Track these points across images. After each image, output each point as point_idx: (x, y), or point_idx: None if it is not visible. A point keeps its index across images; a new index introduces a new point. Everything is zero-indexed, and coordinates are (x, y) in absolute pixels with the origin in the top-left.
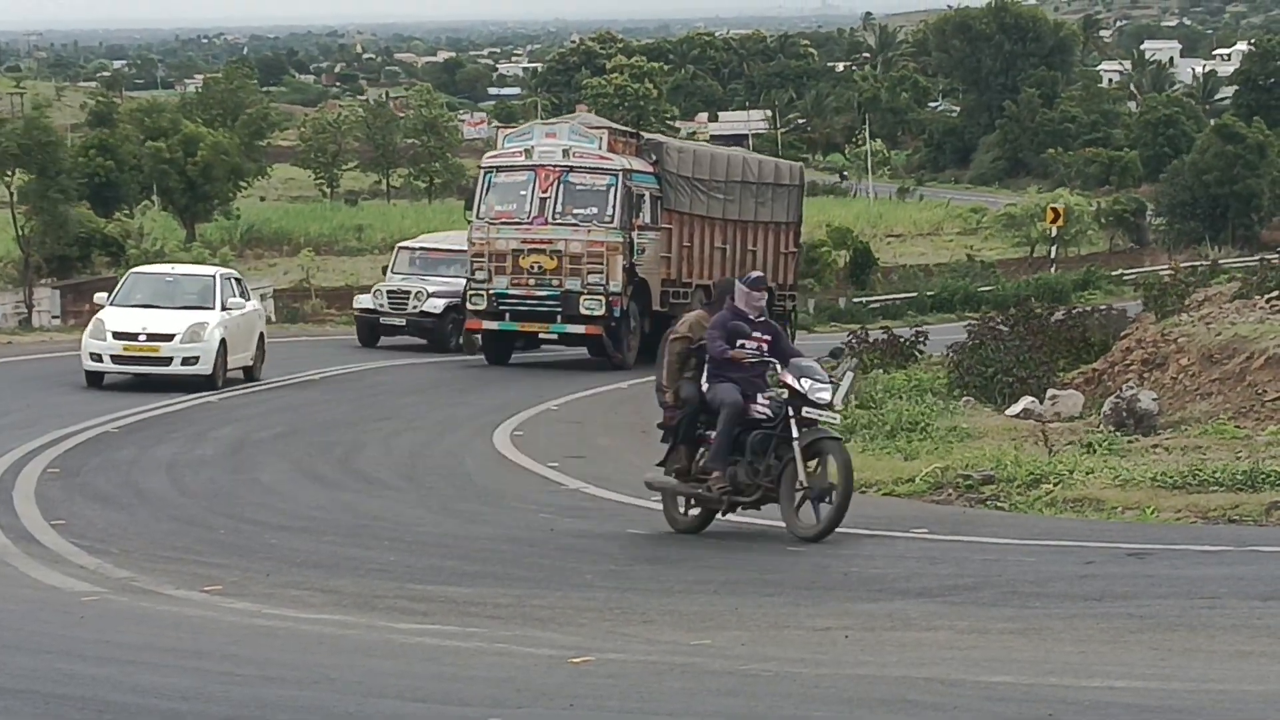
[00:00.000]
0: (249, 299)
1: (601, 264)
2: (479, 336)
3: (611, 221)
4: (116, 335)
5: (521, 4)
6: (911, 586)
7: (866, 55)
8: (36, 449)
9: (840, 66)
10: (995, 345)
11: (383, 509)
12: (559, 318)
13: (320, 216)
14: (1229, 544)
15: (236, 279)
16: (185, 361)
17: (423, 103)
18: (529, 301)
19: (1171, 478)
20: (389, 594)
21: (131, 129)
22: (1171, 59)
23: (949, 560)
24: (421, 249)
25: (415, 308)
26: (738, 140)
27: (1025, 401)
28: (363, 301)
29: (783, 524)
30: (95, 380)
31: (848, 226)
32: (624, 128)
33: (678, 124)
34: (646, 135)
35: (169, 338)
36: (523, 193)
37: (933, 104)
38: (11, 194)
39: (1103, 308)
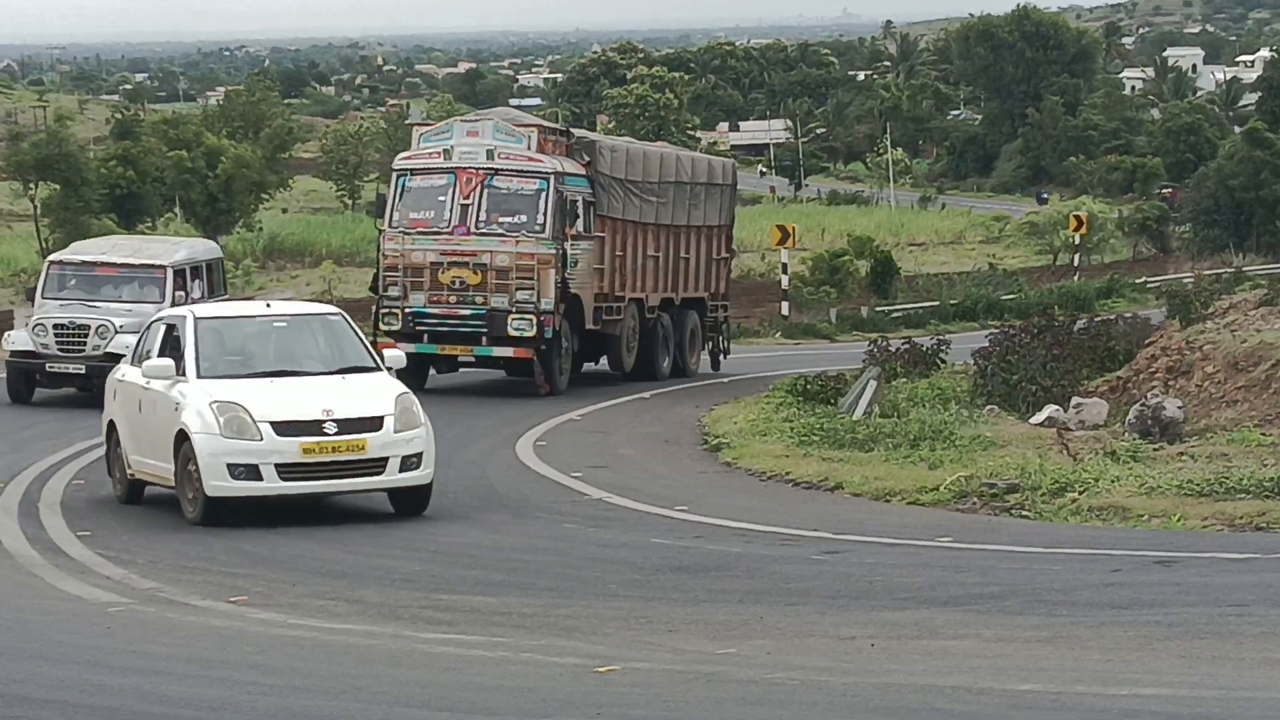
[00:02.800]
0: None
1: (532, 279)
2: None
3: (542, 231)
4: (282, 428)
5: (542, 15)
6: (937, 595)
7: (888, 64)
8: (61, 460)
9: (861, 75)
10: (1018, 354)
11: (407, 519)
12: (484, 339)
13: (342, 228)
14: (1256, 551)
15: None
16: (406, 465)
17: (443, 114)
18: (450, 321)
19: (1198, 485)
20: (415, 604)
21: (154, 141)
22: (1194, 66)
23: (975, 569)
24: (83, 263)
25: (97, 348)
26: (759, 150)
27: (1049, 410)
28: (16, 341)
29: (809, 532)
30: (214, 513)
31: (869, 236)
32: (554, 125)
33: (699, 134)
34: (577, 133)
35: (375, 424)
36: (441, 198)
37: (954, 112)
38: (35, 206)
39: (1126, 315)
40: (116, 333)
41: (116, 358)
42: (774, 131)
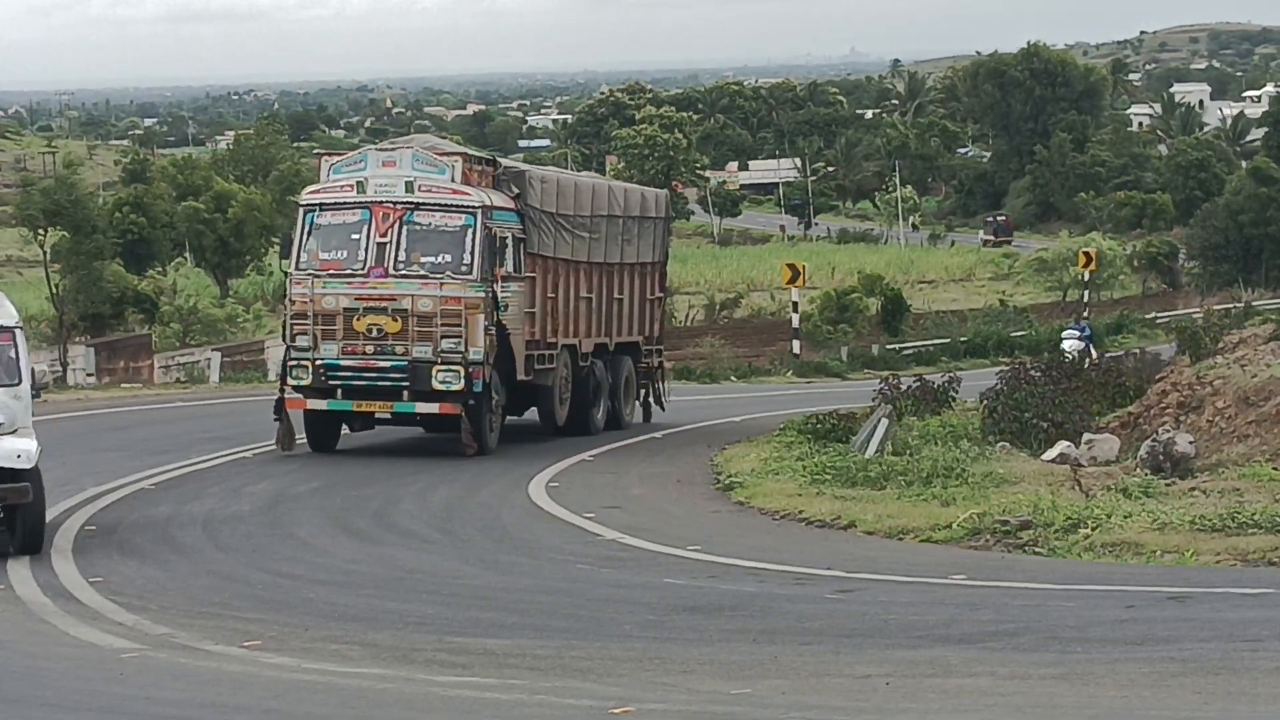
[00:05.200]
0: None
1: (459, 325)
2: (285, 421)
3: (469, 272)
4: None
5: (550, 56)
6: (951, 633)
7: (895, 102)
8: (73, 507)
9: (869, 114)
10: (1028, 390)
11: (420, 562)
12: (405, 394)
13: None
14: (1269, 587)
15: None
16: None
17: None
18: (367, 374)
19: (1210, 520)
20: (428, 647)
21: (165, 186)
22: (1201, 101)
23: (988, 606)
24: None
25: None
26: (768, 189)
27: (1061, 446)
28: None
29: (823, 571)
30: None
31: (879, 273)
32: (479, 153)
33: (708, 173)
34: (505, 163)
35: None
36: (355, 236)
37: (962, 150)
38: (45, 252)
39: (1136, 351)
40: None
41: None
42: (783, 170)
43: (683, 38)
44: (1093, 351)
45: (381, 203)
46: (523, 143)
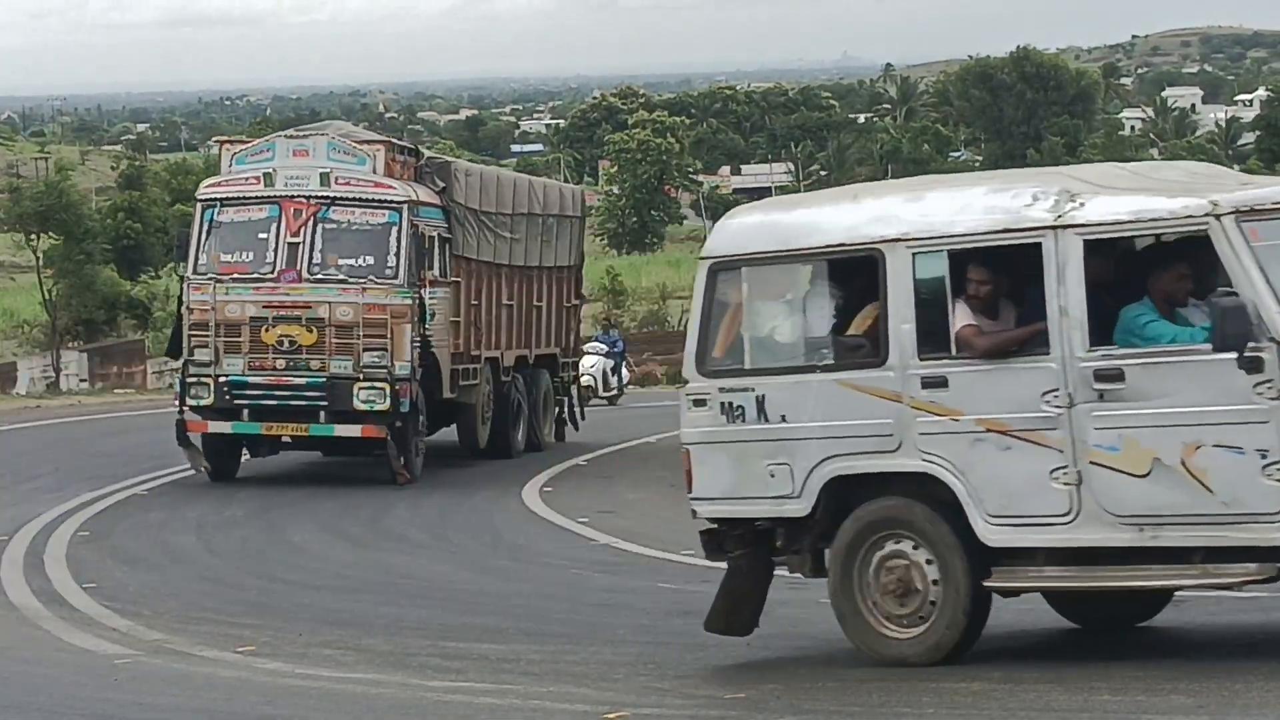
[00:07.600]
0: None
1: (383, 336)
2: (191, 446)
3: (395, 276)
4: None
5: (543, 61)
6: None
7: (888, 106)
8: (67, 512)
9: (862, 118)
10: None
11: (413, 567)
12: (323, 415)
13: None
14: (1264, 590)
15: None
16: None
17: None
18: (278, 392)
19: None
20: (422, 652)
21: (159, 191)
22: (1193, 105)
23: None
24: None
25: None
26: (760, 194)
27: None
28: None
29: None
30: None
31: None
32: (402, 142)
33: (701, 177)
34: (428, 153)
35: None
36: (263, 235)
37: (955, 154)
38: (38, 257)
39: None
40: None
41: None
42: (776, 175)
43: (675, 42)
44: (624, 374)
45: (293, 197)
46: (515, 147)
